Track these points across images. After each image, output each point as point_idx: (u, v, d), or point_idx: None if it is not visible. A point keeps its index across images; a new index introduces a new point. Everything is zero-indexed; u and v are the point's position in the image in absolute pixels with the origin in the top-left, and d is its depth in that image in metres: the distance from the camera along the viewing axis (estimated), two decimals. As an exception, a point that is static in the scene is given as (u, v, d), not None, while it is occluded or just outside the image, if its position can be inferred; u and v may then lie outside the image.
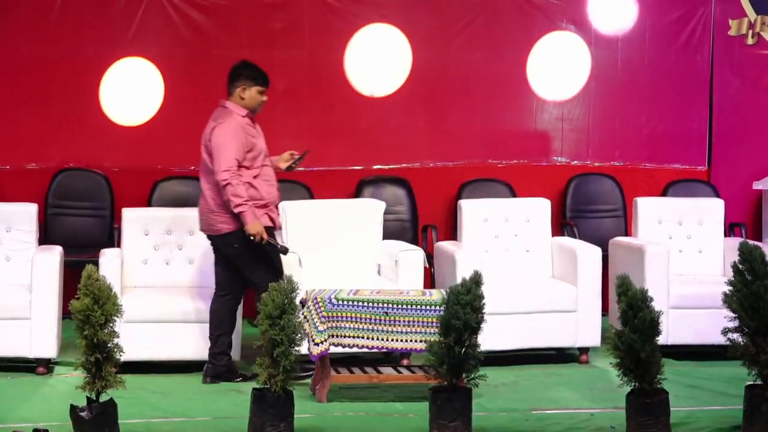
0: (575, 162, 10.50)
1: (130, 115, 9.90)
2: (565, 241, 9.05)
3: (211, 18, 9.90)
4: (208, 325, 7.88)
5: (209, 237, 7.84)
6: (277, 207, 7.88)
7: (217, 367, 7.79)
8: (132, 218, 8.52)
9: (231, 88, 7.76)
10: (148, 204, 9.65)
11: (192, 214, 8.68)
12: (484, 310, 6.46)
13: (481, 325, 6.46)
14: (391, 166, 10.23)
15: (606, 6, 10.43)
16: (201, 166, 7.79)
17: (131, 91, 9.85)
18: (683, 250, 9.07)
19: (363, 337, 7.29)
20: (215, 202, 7.66)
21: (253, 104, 7.73)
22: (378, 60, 10.17)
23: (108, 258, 8.05)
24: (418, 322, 7.28)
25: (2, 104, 9.69)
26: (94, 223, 9.70)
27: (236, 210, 7.52)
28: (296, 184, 9.89)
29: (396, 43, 10.17)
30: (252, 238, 7.55)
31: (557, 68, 10.38)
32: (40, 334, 7.83)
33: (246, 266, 7.73)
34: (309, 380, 7.59)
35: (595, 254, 8.52)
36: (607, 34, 10.45)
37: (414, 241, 9.73)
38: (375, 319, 7.28)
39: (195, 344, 7.97)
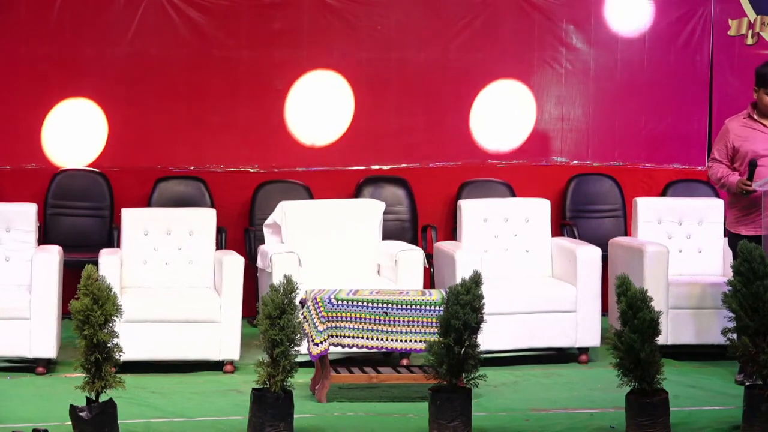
0: (575, 162, 10.49)
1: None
2: (565, 241, 9.04)
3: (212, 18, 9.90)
4: (207, 325, 7.93)
5: None
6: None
7: None
8: (132, 218, 8.51)
9: None
10: (148, 204, 9.64)
11: (192, 214, 8.72)
12: (483, 310, 6.46)
13: (481, 325, 6.46)
14: (390, 166, 10.22)
15: (605, 6, 10.43)
16: None
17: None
18: (683, 250, 9.05)
19: (363, 337, 7.29)
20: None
21: (761, 106, 7.98)
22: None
23: (107, 258, 8.04)
24: (418, 322, 7.28)
25: (2, 104, 9.69)
26: (94, 223, 9.69)
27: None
28: (296, 184, 9.88)
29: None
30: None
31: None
32: (39, 334, 7.82)
33: None
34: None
35: (594, 254, 8.51)
36: (607, 34, 10.45)
37: (414, 241, 9.72)
38: (374, 319, 7.28)
39: (195, 344, 7.97)
